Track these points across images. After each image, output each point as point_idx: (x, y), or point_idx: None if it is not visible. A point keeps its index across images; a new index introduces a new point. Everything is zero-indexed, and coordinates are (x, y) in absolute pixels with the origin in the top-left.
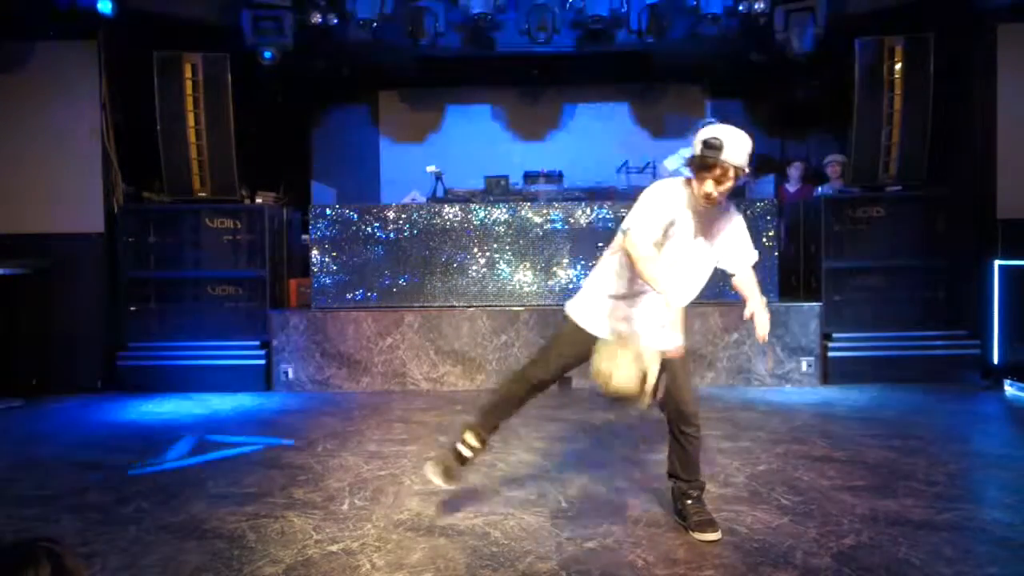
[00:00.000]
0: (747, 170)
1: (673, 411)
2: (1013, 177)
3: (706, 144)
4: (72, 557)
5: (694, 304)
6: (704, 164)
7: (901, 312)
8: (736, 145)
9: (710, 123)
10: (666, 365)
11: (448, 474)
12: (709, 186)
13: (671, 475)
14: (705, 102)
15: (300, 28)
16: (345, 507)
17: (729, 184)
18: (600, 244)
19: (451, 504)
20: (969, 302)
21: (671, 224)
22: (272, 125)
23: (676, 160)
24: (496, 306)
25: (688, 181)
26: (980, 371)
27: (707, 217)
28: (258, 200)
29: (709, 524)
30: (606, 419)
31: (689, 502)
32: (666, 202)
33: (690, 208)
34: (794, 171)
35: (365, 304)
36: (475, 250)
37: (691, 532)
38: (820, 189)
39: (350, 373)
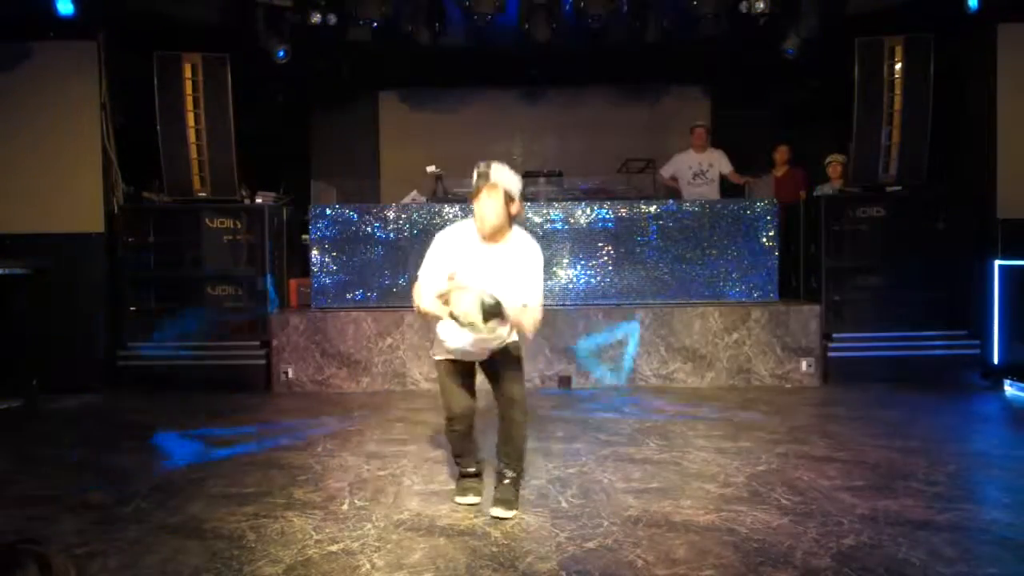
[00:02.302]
0: (516, 199)
1: (504, 402)
2: (1013, 177)
3: (477, 173)
4: (59, 558)
5: (693, 305)
6: (477, 186)
7: (901, 312)
8: (503, 173)
9: (699, 125)
10: (495, 370)
11: (463, 492)
12: (483, 205)
13: (497, 456)
14: (705, 102)
15: (300, 28)
16: (345, 507)
17: (500, 205)
18: (600, 244)
19: (451, 504)
20: (969, 302)
21: (456, 263)
22: (272, 125)
23: (672, 167)
24: None
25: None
26: (980, 371)
27: (495, 256)
28: (258, 200)
29: (506, 503)
30: (606, 419)
31: (506, 482)
32: (446, 247)
33: (474, 251)
34: (779, 156)
35: (365, 304)
36: None
37: (491, 507)
38: (819, 189)
39: (350, 373)
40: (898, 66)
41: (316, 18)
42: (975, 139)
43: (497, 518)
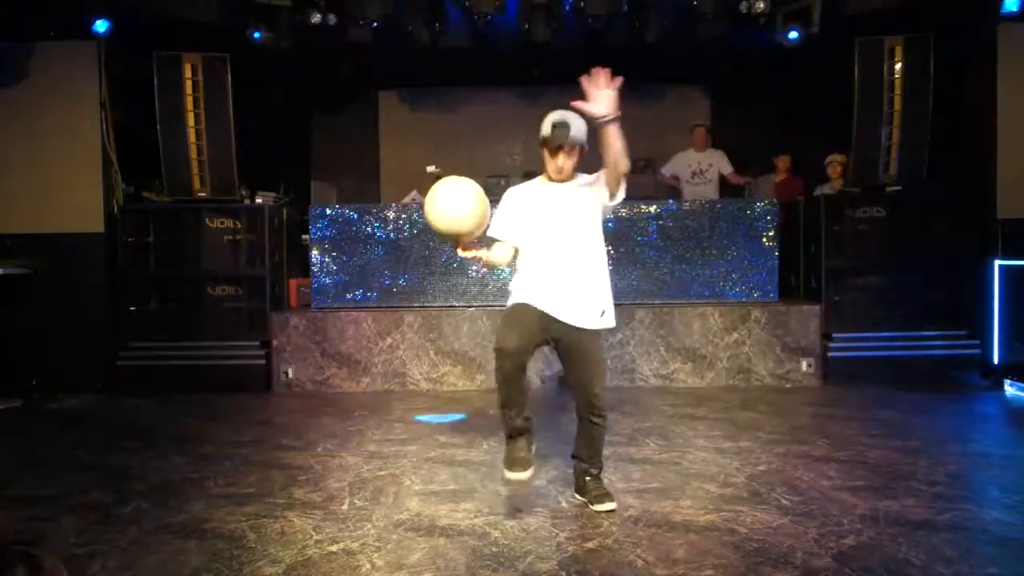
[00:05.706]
0: (586, 147)
1: (581, 399)
2: (1013, 177)
3: (556, 126)
4: (49, 559)
5: (693, 305)
6: (556, 142)
7: (901, 312)
8: (582, 130)
9: (699, 124)
10: (574, 357)
11: (513, 465)
12: (561, 160)
13: (575, 456)
14: (705, 102)
15: (300, 28)
16: (345, 507)
17: (575, 159)
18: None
19: (451, 504)
20: (969, 302)
21: (525, 215)
22: (272, 125)
23: (672, 166)
24: (496, 306)
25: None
26: (980, 371)
27: (563, 192)
28: (258, 200)
29: (606, 496)
30: None
31: (588, 479)
32: (514, 199)
33: (541, 193)
34: (780, 164)
35: (365, 304)
36: None
37: (591, 505)
38: (819, 189)
39: (350, 373)
40: (898, 66)
41: (316, 18)
42: (975, 139)
43: (606, 512)
